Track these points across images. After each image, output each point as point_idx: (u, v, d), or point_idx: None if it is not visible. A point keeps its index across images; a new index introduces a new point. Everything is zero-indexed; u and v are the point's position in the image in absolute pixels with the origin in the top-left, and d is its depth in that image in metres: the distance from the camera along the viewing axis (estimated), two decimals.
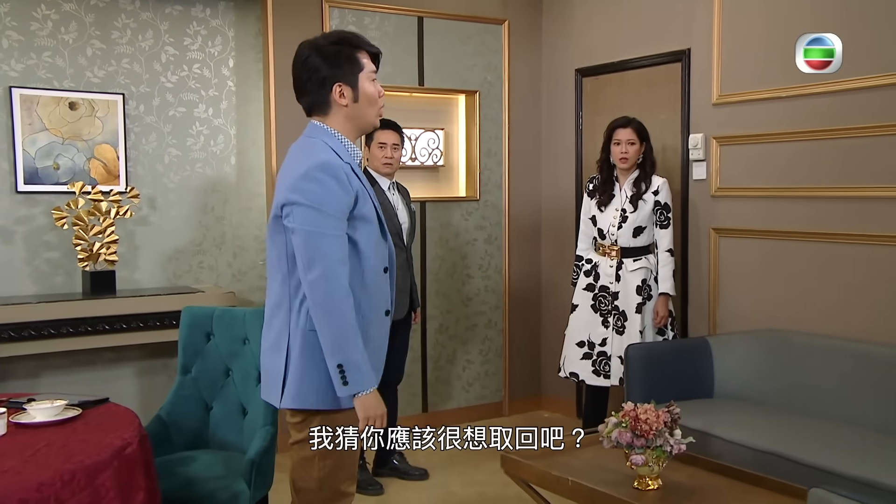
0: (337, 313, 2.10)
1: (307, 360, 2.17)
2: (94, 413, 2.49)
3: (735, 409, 3.69)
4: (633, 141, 4.08)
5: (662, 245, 4.10)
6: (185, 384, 3.18)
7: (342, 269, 2.12)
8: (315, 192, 2.11)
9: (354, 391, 2.13)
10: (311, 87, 2.23)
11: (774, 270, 4.01)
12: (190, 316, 3.21)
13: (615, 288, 4.12)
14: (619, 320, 4.11)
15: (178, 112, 4.44)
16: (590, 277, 4.22)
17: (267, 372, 2.31)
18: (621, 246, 4.12)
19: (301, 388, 2.19)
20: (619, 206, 4.13)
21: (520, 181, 5.34)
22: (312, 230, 2.10)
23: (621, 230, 4.10)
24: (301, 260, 2.12)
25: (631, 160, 4.08)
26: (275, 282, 2.26)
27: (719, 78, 4.19)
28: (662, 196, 4.09)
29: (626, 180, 4.16)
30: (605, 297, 4.15)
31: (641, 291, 4.08)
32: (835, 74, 3.67)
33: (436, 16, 4.95)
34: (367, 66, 2.25)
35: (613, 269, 4.14)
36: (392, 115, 4.53)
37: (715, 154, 4.24)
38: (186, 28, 4.43)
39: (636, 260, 4.11)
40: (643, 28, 4.65)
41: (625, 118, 4.16)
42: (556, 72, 5.28)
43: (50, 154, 4.10)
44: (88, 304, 3.88)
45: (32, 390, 4.06)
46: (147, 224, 4.38)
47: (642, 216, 4.07)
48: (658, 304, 4.09)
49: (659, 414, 2.85)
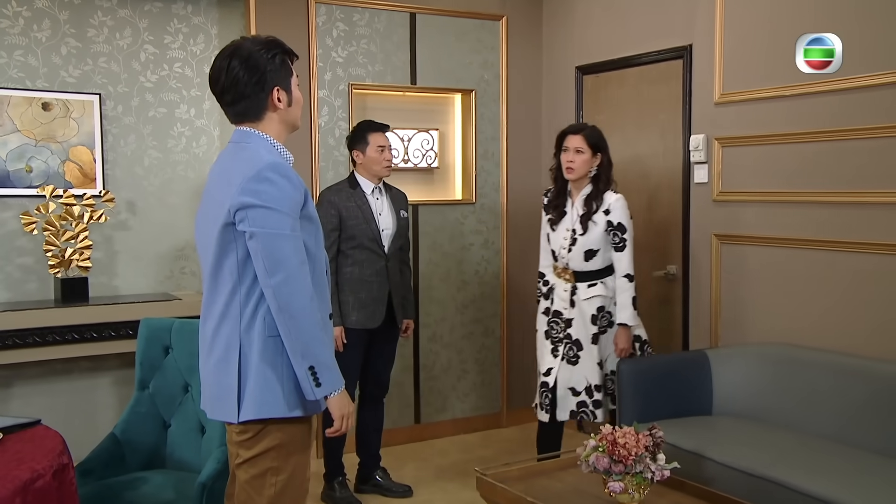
0: (304, 315, 2.06)
1: (269, 367, 2.10)
2: (15, 439, 2.34)
3: (733, 428, 3.48)
4: (581, 150, 3.63)
5: (620, 269, 3.65)
6: (142, 400, 3.03)
7: (304, 270, 2.08)
8: (269, 193, 2.06)
9: (329, 391, 2.11)
10: (249, 91, 2.15)
11: (779, 280, 3.77)
12: (147, 329, 3.07)
13: (569, 314, 3.71)
14: (572, 349, 3.69)
15: (158, 113, 4.30)
16: (547, 301, 3.83)
17: (214, 388, 2.20)
18: (574, 269, 3.71)
19: (264, 397, 2.10)
20: (571, 224, 3.72)
21: (519, 183, 5.15)
22: (271, 232, 2.04)
23: (571, 253, 3.69)
24: (262, 264, 2.05)
25: (577, 171, 3.64)
26: (220, 292, 2.16)
27: (722, 76, 3.97)
28: (615, 216, 3.63)
29: (577, 196, 3.73)
30: (558, 324, 3.75)
31: (598, 320, 3.67)
32: (843, 72, 3.45)
33: (429, 11, 4.77)
34: (294, 72, 2.26)
35: (568, 293, 3.73)
36: (384, 115, 4.38)
37: (717, 156, 4.02)
38: (167, 26, 4.29)
39: (591, 285, 3.68)
40: (644, 23, 4.44)
41: (579, 124, 3.83)
42: (556, 69, 5.08)
43: (22, 156, 3.98)
44: (59, 312, 3.76)
45: (4, 402, 3.97)
46: (126, 229, 4.25)
47: (593, 238, 3.65)
48: (618, 336, 3.66)
49: (640, 437, 2.66)
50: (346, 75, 4.55)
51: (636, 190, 4.54)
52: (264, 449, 2.13)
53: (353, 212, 3.73)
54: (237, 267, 2.11)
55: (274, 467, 2.14)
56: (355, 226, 3.72)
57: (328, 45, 4.49)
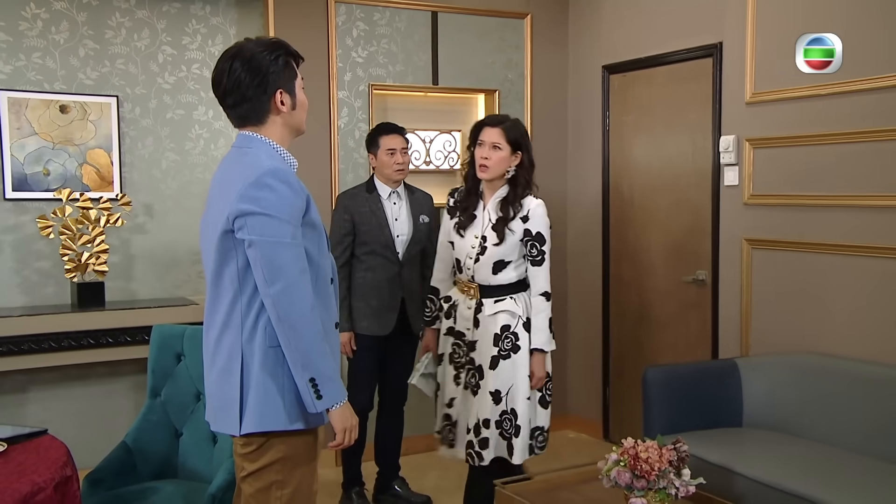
0: (304, 325, 2.01)
1: (270, 378, 2.06)
2: (19, 449, 2.32)
3: (764, 441, 3.38)
4: (498, 145, 3.18)
5: (536, 286, 3.21)
6: (154, 408, 3.01)
7: (305, 278, 2.03)
8: (269, 200, 2.01)
9: (330, 404, 2.07)
10: (251, 94, 2.11)
11: (813, 286, 3.66)
12: (160, 335, 3.05)
13: (472, 335, 3.24)
14: (474, 377, 3.22)
15: (176, 115, 4.29)
16: (450, 320, 3.34)
17: (217, 399, 2.17)
18: (479, 283, 3.23)
19: (265, 409, 2.07)
20: (480, 231, 3.25)
21: (543, 185, 4.97)
22: (271, 240, 2.00)
23: (479, 264, 3.21)
24: (261, 273, 2.02)
25: (492, 170, 3.18)
26: (221, 302, 2.13)
27: (753, 74, 3.86)
28: (535, 224, 3.19)
29: (490, 198, 3.27)
30: (461, 347, 3.29)
31: (500, 341, 3.17)
32: (880, 70, 3.33)
33: (451, 10, 4.71)
34: (299, 75, 2.21)
35: (472, 311, 3.24)
36: (405, 116, 4.34)
37: (748, 157, 3.91)
38: (185, 26, 4.28)
39: (498, 300, 3.20)
40: (673, 20, 4.35)
41: (499, 116, 3.36)
42: (582, 69, 5.00)
43: (40, 159, 3.99)
44: (74, 317, 3.75)
45: (21, 406, 3.98)
46: (143, 232, 4.25)
47: (508, 248, 3.18)
48: (533, 364, 3.19)
49: (663, 451, 2.58)
50: (366, 76, 4.51)
51: (664, 192, 4.46)
52: (268, 462, 2.09)
53: (367, 217, 3.68)
54: (237, 276, 2.07)
55: (279, 480, 2.11)
56: (368, 231, 3.67)
57: (348, 45, 4.45)
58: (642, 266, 4.64)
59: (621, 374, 4.82)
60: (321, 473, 4.14)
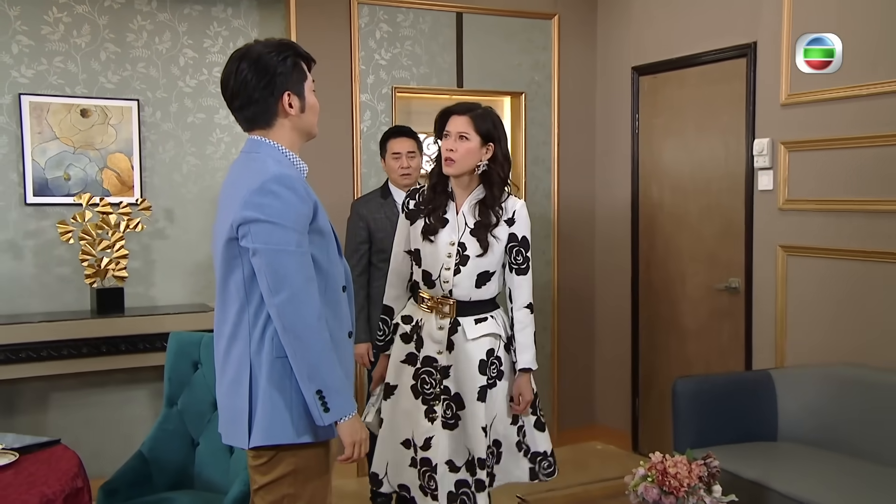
0: (310, 336, 1.98)
1: (277, 390, 2.03)
2: (31, 459, 2.30)
3: (800, 456, 3.29)
4: (466, 135, 2.78)
5: (520, 298, 2.86)
6: (170, 417, 2.99)
7: (311, 287, 2.00)
8: (273, 207, 1.98)
9: (338, 417, 2.03)
10: (258, 96, 2.08)
11: (852, 294, 3.56)
12: (176, 343, 3.03)
13: (445, 361, 2.83)
14: (451, 408, 2.81)
15: (196, 118, 4.29)
16: (410, 344, 2.90)
17: (227, 411, 2.15)
18: (457, 299, 2.83)
19: (272, 422, 2.04)
20: (456, 237, 2.84)
21: (571, 190, 5.00)
22: (275, 248, 1.97)
23: (459, 276, 2.81)
24: (265, 282, 1.99)
25: (459, 164, 2.79)
26: (229, 311, 2.11)
27: (789, 75, 3.77)
28: (520, 227, 2.85)
29: (464, 200, 2.87)
30: (431, 375, 2.84)
31: (487, 368, 2.81)
32: None
33: (476, 11, 4.67)
34: (309, 77, 2.17)
35: (444, 332, 2.83)
36: (429, 120, 4.22)
37: (783, 161, 3.82)
38: (206, 29, 4.28)
39: (480, 321, 2.83)
40: (706, 19, 4.27)
41: (468, 103, 2.92)
42: (610, 70, 4.93)
43: (61, 164, 4.00)
44: (93, 323, 3.76)
45: (41, 413, 3.99)
46: (164, 237, 4.24)
47: (493, 257, 2.82)
48: (520, 385, 2.85)
49: (693, 467, 2.51)
50: (389, 78, 4.47)
51: (695, 197, 4.38)
52: (280, 475, 2.06)
53: (383, 223, 3.61)
54: (244, 285, 2.05)
55: (290, 494, 2.07)
56: (384, 238, 3.59)
57: (371, 47, 4.42)
58: (673, 273, 4.55)
59: (651, 384, 4.74)
60: (341, 484, 4.13)
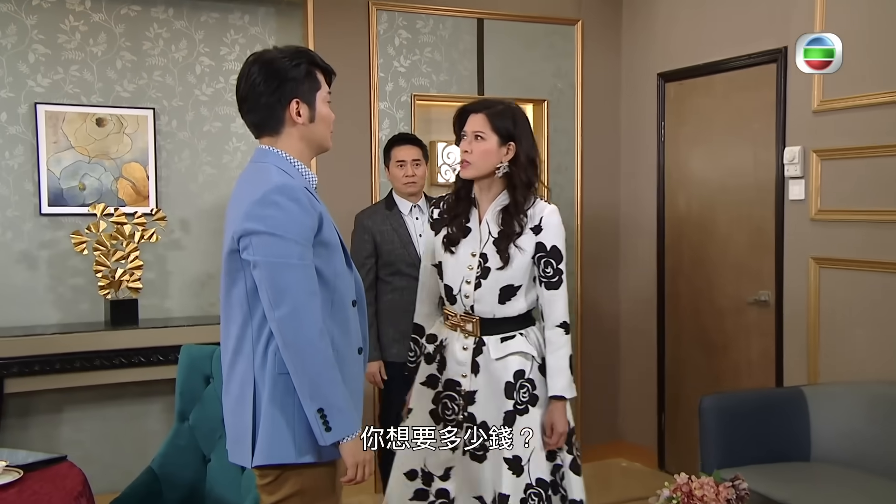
0: (312, 352, 1.94)
1: (279, 408, 1.99)
2: (36, 477, 2.28)
3: (834, 478, 3.19)
4: (482, 134, 2.58)
5: (553, 315, 2.60)
6: (182, 433, 2.95)
7: (313, 302, 1.96)
8: (275, 218, 1.95)
9: (340, 436, 1.98)
10: (265, 102, 2.05)
11: (888, 309, 3.45)
12: (188, 356, 3.00)
13: (470, 385, 2.63)
14: (477, 437, 2.59)
15: (213, 127, 4.27)
16: (432, 365, 2.73)
17: (232, 429, 2.12)
18: (480, 316, 2.63)
19: (274, 441, 2.00)
20: (478, 248, 2.64)
21: (595, 200, 4.94)
22: (276, 261, 1.94)
23: (480, 290, 2.61)
24: (266, 296, 1.95)
25: (476, 167, 2.59)
26: (233, 325, 2.08)
27: (821, 80, 3.68)
28: (549, 235, 2.61)
29: (487, 207, 2.67)
30: (454, 400, 2.66)
31: (515, 392, 2.58)
32: None
33: (498, 17, 4.63)
34: (324, 87, 2.13)
35: (469, 353, 2.63)
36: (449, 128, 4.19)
37: (815, 170, 3.73)
38: (223, 37, 4.27)
39: (506, 339, 2.61)
40: (734, 24, 4.19)
41: (488, 100, 2.75)
42: (635, 77, 4.87)
43: (76, 174, 4.00)
44: (106, 335, 3.75)
45: (54, 427, 3.99)
46: (179, 248, 4.23)
47: (517, 270, 2.59)
48: (553, 415, 2.59)
49: (720, 489, 2.44)
50: (408, 86, 4.44)
51: (724, 207, 4.30)
52: (286, 495, 2.02)
53: (389, 235, 3.55)
54: (246, 299, 2.01)
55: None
56: (391, 251, 3.53)
57: (390, 55, 4.39)
58: (700, 285, 4.47)
59: (677, 400, 4.65)
60: (359, 501, 4.08)
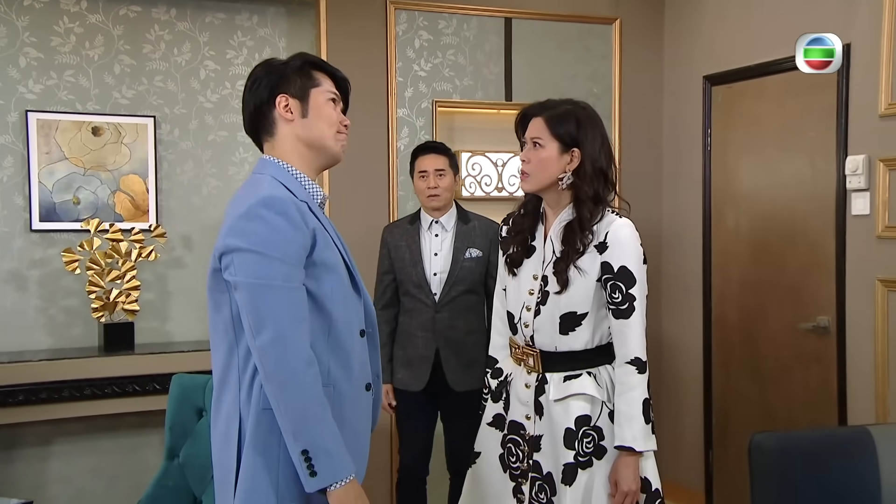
0: (296, 385, 1.80)
1: (261, 448, 1.86)
2: None
3: None
4: (538, 141, 2.41)
5: (624, 350, 2.33)
6: (171, 472, 2.80)
7: (299, 329, 1.83)
8: (258, 234, 1.83)
9: (325, 483, 1.82)
10: (254, 102, 1.99)
11: None
12: (179, 387, 2.84)
13: (535, 429, 2.41)
14: (544, 491, 2.35)
15: (218, 136, 4.13)
16: (498, 403, 2.54)
17: (219, 468, 1.99)
18: (541, 349, 2.41)
19: (254, 484, 1.86)
20: (540, 270, 2.44)
21: (634, 213, 4.48)
22: (258, 282, 1.81)
23: (539, 318, 2.39)
24: (247, 321, 1.83)
25: (533, 178, 2.42)
26: (219, 353, 1.96)
27: (890, 82, 3.44)
28: (616, 254, 2.33)
29: (553, 222, 2.46)
30: (518, 445, 2.46)
31: (578, 442, 2.33)
32: None
33: (528, 16, 4.44)
34: (324, 85, 2.03)
35: (531, 392, 2.42)
36: (473, 137, 4.08)
37: (882, 181, 3.48)
38: (230, 39, 4.13)
39: (570, 378, 2.36)
40: (789, 21, 3.97)
41: (550, 101, 2.50)
42: (679, 80, 4.66)
43: (69, 187, 3.86)
44: (98, 362, 3.60)
45: (43, 461, 3.86)
46: (181, 266, 4.08)
47: (578, 296, 2.34)
48: (618, 470, 2.31)
49: None
50: (429, 91, 4.26)
51: (777, 223, 4.07)
52: None
53: (401, 252, 3.38)
54: (232, 324, 1.88)
55: None
56: (402, 268, 3.38)
57: (409, 58, 4.22)
58: (751, 309, 4.23)
59: (726, 436, 4.39)
60: None
